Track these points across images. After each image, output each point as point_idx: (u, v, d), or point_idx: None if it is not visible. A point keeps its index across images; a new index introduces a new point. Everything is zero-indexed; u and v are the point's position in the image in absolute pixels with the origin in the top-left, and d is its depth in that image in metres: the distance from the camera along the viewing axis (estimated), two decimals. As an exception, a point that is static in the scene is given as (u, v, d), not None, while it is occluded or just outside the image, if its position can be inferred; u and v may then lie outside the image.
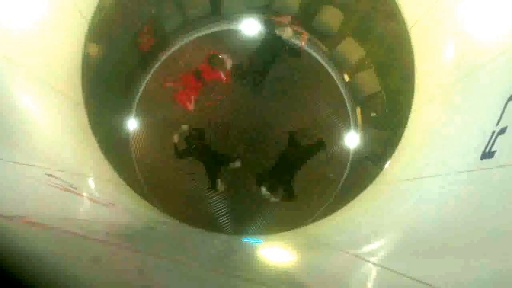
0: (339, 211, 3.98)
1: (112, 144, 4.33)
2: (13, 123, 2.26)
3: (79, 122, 3.61)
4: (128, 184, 4.05)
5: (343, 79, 5.34)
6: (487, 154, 1.90)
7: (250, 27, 5.25)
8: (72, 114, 3.48)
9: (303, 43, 4.83)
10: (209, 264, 2.09)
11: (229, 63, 5.03)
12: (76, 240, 1.57)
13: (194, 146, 4.78)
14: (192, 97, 5.05)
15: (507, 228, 1.45)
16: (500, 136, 1.84)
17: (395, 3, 3.82)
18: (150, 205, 4.33)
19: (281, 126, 5.17)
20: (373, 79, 5.08)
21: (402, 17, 3.77)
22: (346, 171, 5.26)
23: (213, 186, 4.95)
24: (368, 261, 2.14)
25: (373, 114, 5.22)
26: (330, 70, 5.38)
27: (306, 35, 4.80)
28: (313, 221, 4.51)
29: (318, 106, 5.33)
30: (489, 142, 1.92)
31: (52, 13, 3.01)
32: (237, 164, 5.07)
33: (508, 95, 1.87)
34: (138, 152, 5.20)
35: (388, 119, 4.91)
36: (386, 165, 3.97)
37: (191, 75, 5.04)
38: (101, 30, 3.98)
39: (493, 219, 1.60)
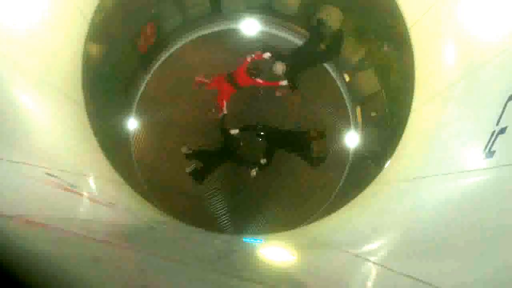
0: (339, 211, 3.97)
1: (112, 144, 4.33)
2: (13, 123, 2.26)
3: (79, 122, 3.60)
4: (128, 184, 4.04)
5: (343, 79, 5.34)
6: (487, 154, 1.90)
7: (251, 27, 5.25)
8: (72, 114, 3.47)
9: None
10: (209, 264, 2.09)
11: (280, 68, 4.80)
12: (76, 240, 1.57)
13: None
14: (225, 101, 4.95)
15: (507, 228, 1.45)
16: (500, 136, 1.84)
17: (395, 3, 3.82)
18: (150, 205, 4.32)
19: (281, 126, 5.18)
20: (373, 78, 5.09)
21: (402, 17, 3.76)
22: (346, 170, 5.26)
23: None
24: (368, 261, 2.14)
25: (373, 114, 5.21)
26: (330, 70, 5.38)
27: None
28: (313, 221, 4.51)
29: (318, 106, 5.33)
30: (489, 141, 1.92)
31: (52, 13, 3.01)
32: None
33: (508, 95, 1.87)
34: (138, 152, 5.20)
35: (388, 118, 4.91)
36: (386, 165, 3.96)
37: (223, 79, 4.92)
38: (101, 30, 3.97)
39: (493, 219, 1.60)
